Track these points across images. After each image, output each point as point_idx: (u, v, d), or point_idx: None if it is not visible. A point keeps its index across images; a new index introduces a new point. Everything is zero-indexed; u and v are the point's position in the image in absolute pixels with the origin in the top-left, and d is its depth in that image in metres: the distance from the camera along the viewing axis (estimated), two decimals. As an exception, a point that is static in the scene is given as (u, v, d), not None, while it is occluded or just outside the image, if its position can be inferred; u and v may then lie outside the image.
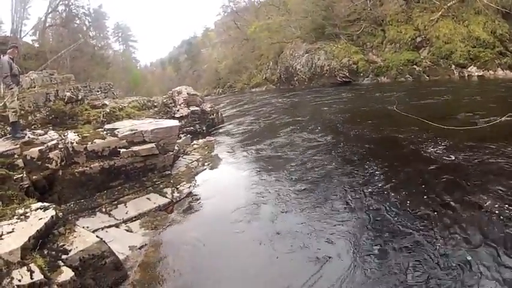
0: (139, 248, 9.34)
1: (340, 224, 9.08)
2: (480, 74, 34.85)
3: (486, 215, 8.31)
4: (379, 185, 11.10)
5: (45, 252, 6.94)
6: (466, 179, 10.37)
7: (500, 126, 14.66)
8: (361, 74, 45.01)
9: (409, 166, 12.30)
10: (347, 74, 45.60)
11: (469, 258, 6.85)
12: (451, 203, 9.15)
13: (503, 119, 12.68)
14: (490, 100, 21.62)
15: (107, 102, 22.41)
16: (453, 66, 37.51)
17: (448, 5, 39.83)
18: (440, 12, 40.28)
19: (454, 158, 12.15)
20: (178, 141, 17.37)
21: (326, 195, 11.05)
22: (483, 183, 9.92)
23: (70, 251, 7.14)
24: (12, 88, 12.58)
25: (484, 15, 37.83)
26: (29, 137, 12.89)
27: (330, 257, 7.63)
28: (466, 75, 36.01)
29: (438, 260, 6.96)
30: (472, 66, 36.15)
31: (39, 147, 11.81)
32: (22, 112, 15.51)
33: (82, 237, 7.58)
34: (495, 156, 11.73)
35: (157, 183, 13.50)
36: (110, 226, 10.55)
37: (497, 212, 8.25)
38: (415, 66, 40.25)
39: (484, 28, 37.23)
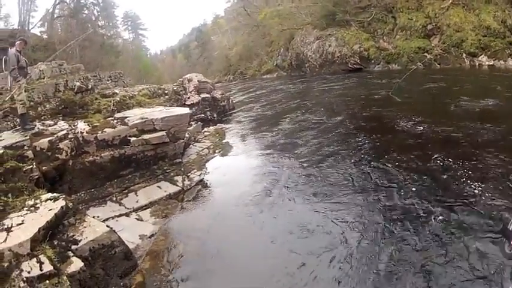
0: (150, 237, 9.38)
1: (348, 211, 9.14)
2: (491, 63, 34.47)
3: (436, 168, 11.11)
4: (367, 154, 13.19)
5: (55, 243, 6.96)
6: (427, 143, 13.55)
7: (463, 108, 17.67)
8: (372, 61, 44.63)
9: (386, 136, 15.18)
10: (358, 61, 45.31)
11: (413, 189, 9.79)
12: (412, 161, 11.87)
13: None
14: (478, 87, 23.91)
15: (117, 91, 22.39)
16: (464, 55, 37.14)
17: (459, -8, 39.50)
18: (450, 0, 39.97)
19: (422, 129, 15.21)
20: (189, 128, 17.38)
21: (332, 178, 11.48)
22: (438, 146, 12.94)
23: (80, 241, 7.16)
24: (19, 80, 12.58)
25: (494, 5, 37.58)
26: (38, 128, 12.94)
27: (338, 245, 7.64)
28: (477, 64, 35.61)
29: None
30: (482, 56, 35.81)
31: (49, 138, 11.89)
32: (31, 103, 15.55)
33: (92, 227, 7.60)
34: (451, 128, 14.74)
35: (168, 171, 13.51)
36: (120, 215, 10.59)
37: (446, 167, 11.02)
38: (426, 54, 39.72)
39: (495, 17, 36.94)
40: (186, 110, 16.36)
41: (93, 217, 8.61)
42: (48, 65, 21.61)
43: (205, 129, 20.45)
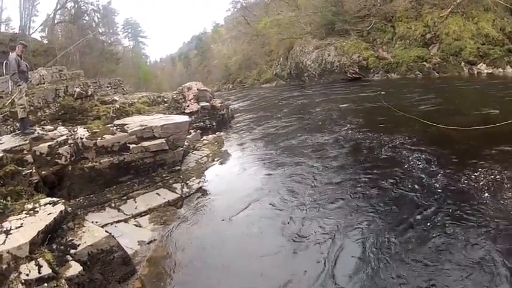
0: (148, 243, 9.34)
1: (349, 219, 9.09)
2: (489, 71, 34.42)
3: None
4: (367, 161, 13.20)
5: (54, 246, 6.95)
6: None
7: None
8: (372, 70, 44.57)
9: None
10: (357, 70, 45.27)
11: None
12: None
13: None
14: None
15: (116, 98, 22.44)
16: (463, 63, 37.15)
17: (458, 1, 39.46)
18: (449, 9, 39.97)
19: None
20: (188, 136, 17.40)
21: (332, 185, 11.49)
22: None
23: (79, 245, 7.15)
24: (20, 85, 12.58)
25: (493, 13, 37.69)
26: (38, 133, 12.94)
27: (336, 257, 7.61)
28: (476, 72, 35.53)
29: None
30: (481, 64, 35.80)
31: (49, 143, 11.91)
32: (31, 108, 15.56)
33: (91, 232, 7.58)
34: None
35: (166, 178, 13.47)
36: (119, 221, 10.55)
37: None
38: (424, 63, 39.81)
39: (493, 25, 37.08)
40: (185, 118, 16.40)
41: (92, 222, 8.61)
42: (48, 70, 21.65)
43: (204, 137, 20.45)
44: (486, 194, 9.29)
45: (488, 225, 7.74)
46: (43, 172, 11.14)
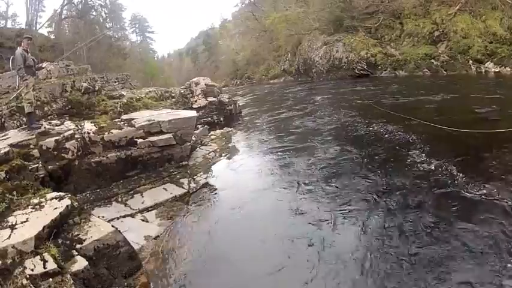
0: (155, 238, 9.32)
1: (356, 217, 8.97)
2: (497, 70, 34.13)
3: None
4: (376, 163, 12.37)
5: (60, 241, 6.93)
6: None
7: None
8: (379, 67, 44.43)
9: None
10: (365, 67, 45.20)
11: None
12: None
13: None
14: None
15: (124, 92, 22.39)
16: (470, 62, 36.96)
17: (465, -1, 39.44)
18: (457, 7, 39.92)
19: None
20: (195, 131, 17.39)
21: (343, 184, 11.18)
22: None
23: (85, 240, 7.12)
24: (26, 79, 12.58)
25: (500, 11, 37.40)
26: (45, 128, 12.88)
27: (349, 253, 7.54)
28: (483, 70, 35.29)
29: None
30: (489, 62, 35.57)
31: (56, 138, 11.89)
32: (38, 103, 15.52)
33: (97, 227, 7.56)
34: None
35: (174, 173, 13.45)
36: (125, 216, 10.54)
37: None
38: (432, 61, 39.68)
39: (501, 24, 36.80)
40: (193, 113, 16.36)
41: (98, 217, 8.58)
42: (55, 65, 21.63)
43: (212, 132, 20.45)
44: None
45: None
46: (50, 167, 11.15)
